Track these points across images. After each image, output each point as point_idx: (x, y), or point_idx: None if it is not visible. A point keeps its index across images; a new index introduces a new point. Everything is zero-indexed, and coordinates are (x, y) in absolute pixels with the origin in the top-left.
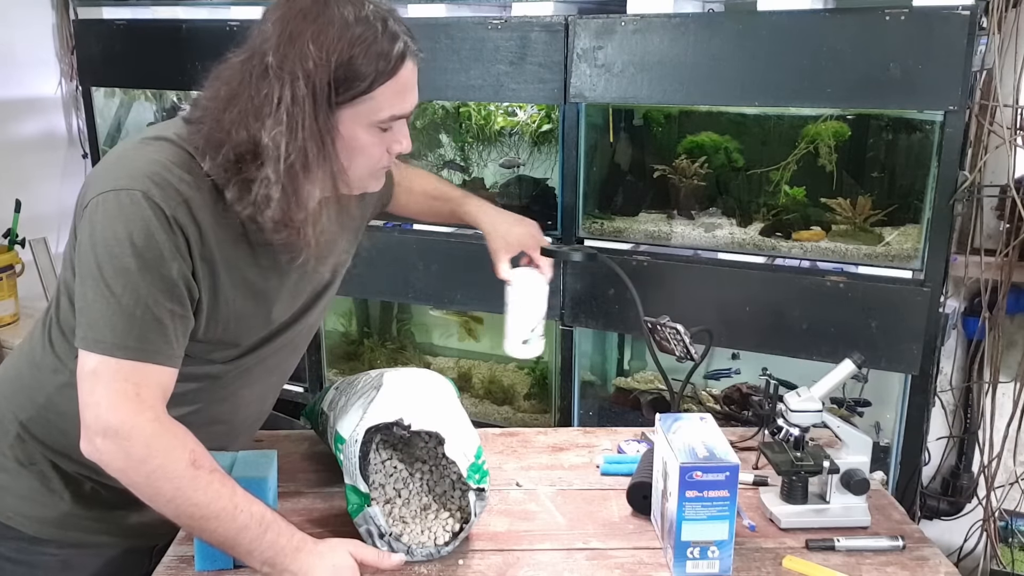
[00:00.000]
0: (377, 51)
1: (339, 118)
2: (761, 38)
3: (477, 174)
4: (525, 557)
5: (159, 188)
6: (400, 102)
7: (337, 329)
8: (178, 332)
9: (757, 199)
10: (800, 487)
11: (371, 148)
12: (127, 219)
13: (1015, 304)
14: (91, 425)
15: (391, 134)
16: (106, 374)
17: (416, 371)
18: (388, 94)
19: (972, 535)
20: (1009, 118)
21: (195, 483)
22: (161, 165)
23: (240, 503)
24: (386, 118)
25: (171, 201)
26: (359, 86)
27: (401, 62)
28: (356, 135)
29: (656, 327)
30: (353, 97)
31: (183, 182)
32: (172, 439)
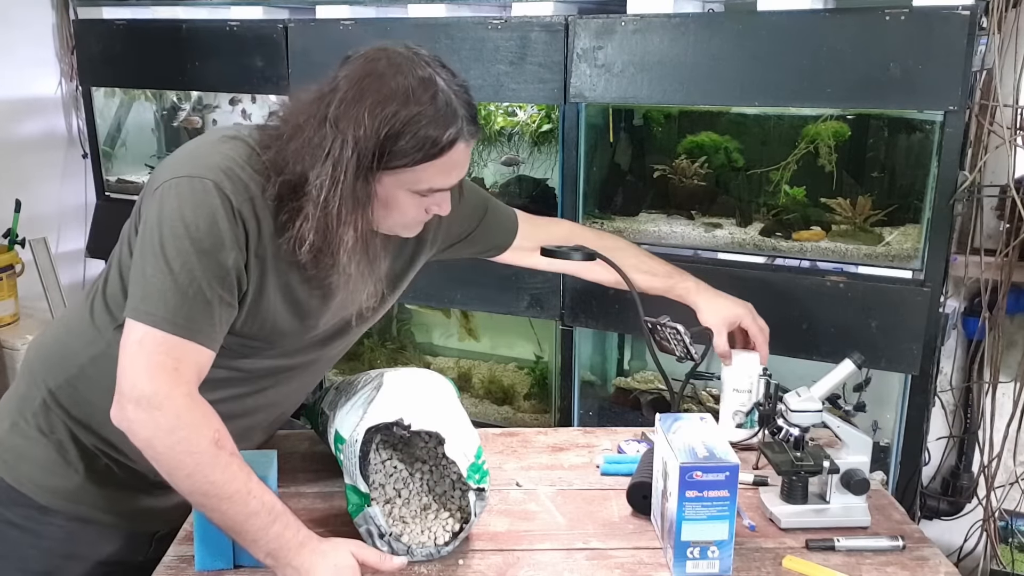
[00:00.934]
0: (426, 135)
1: (380, 178)
2: (761, 38)
3: (477, 174)
4: (525, 557)
5: (230, 181)
6: (443, 179)
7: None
8: (223, 318)
9: (757, 199)
10: (800, 487)
11: (407, 208)
12: (196, 204)
13: (1015, 304)
14: (126, 392)
15: (432, 199)
16: (150, 345)
17: (416, 371)
18: (432, 172)
19: (972, 535)
20: (1009, 118)
21: (215, 461)
22: (234, 161)
23: (254, 489)
24: (425, 190)
25: (239, 195)
26: (403, 161)
27: (450, 147)
28: (395, 195)
29: (656, 327)
30: (397, 168)
31: (252, 180)
32: (200, 416)
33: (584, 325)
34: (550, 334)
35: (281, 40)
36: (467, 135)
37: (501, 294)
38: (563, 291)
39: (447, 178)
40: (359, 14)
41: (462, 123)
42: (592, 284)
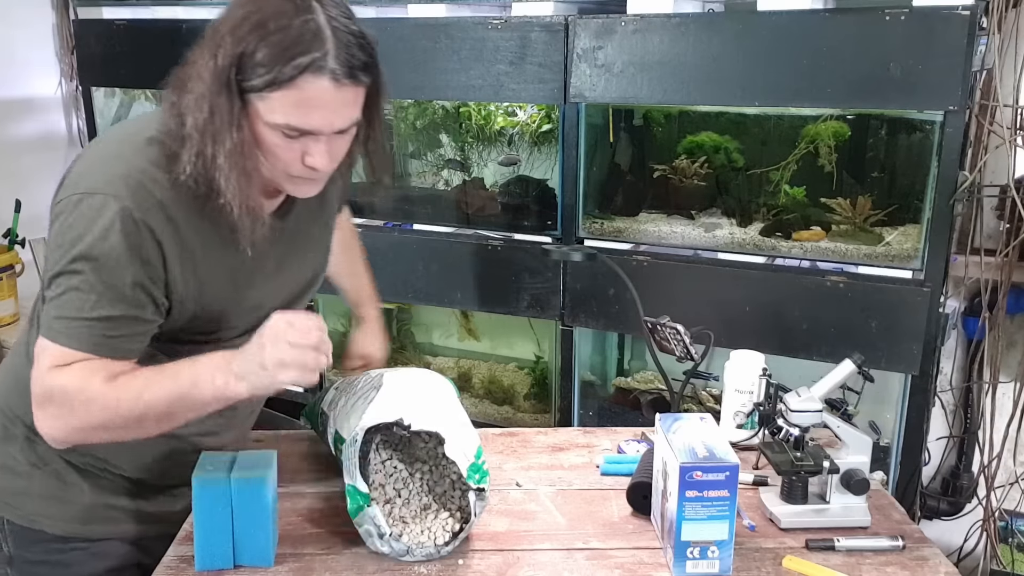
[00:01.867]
0: (276, 56)
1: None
2: (761, 38)
3: (477, 174)
4: (525, 557)
5: (131, 192)
6: (299, 116)
7: (337, 329)
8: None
9: (757, 199)
10: (800, 487)
11: (277, 150)
12: (88, 224)
13: (1015, 304)
14: (33, 400)
15: (303, 144)
16: (53, 352)
17: (416, 371)
18: (284, 102)
19: (972, 535)
20: (1009, 118)
21: (116, 390)
22: (137, 168)
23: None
24: (281, 124)
25: (143, 204)
26: (254, 81)
27: (300, 75)
28: (258, 130)
29: (656, 327)
30: (251, 90)
31: (157, 184)
32: (84, 375)
33: (584, 325)
34: (550, 334)
35: None
36: (332, 72)
37: (501, 294)
38: (563, 291)
39: (305, 116)
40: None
41: (327, 58)
42: (592, 284)
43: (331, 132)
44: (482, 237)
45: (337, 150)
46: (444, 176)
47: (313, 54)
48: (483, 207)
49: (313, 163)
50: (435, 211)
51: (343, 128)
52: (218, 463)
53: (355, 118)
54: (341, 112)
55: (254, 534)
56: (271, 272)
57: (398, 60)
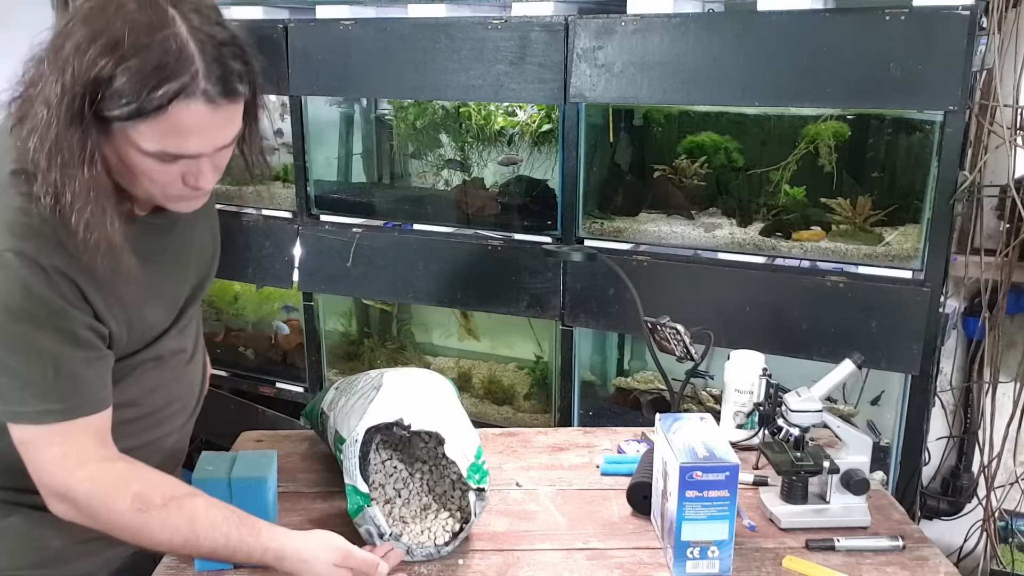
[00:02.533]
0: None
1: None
2: (761, 38)
3: (477, 174)
4: (525, 557)
5: (26, 240)
6: (176, 142)
7: (337, 329)
8: (100, 374)
9: (757, 199)
10: (800, 487)
11: (153, 174)
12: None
13: (1015, 304)
14: (43, 489)
15: (183, 166)
16: (35, 441)
17: (416, 371)
18: (156, 131)
19: (972, 535)
20: (1009, 118)
21: (147, 525)
22: (22, 211)
23: (201, 532)
24: (156, 152)
25: (44, 249)
26: (116, 113)
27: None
28: (128, 155)
29: (656, 327)
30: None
31: (44, 220)
32: (110, 490)
33: (584, 325)
34: (550, 334)
35: (281, 40)
36: (205, 95)
37: (501, 294)
38: (563, 291)
39: (182, 143)
40: (359, 14)
41: (197, 79)
42: (592, 284)
43: (212, 152)
44: (482, 237)
45: (220, 162)
46: (444, 176)
47: (181, 79)
48: (483, 207)
49: (197, 183)
50: (435, 211)
51: (225, 145)
52: (218, 463)
53: (237, 131)
54: (221, 131)
55: None
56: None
57: (398, 60)
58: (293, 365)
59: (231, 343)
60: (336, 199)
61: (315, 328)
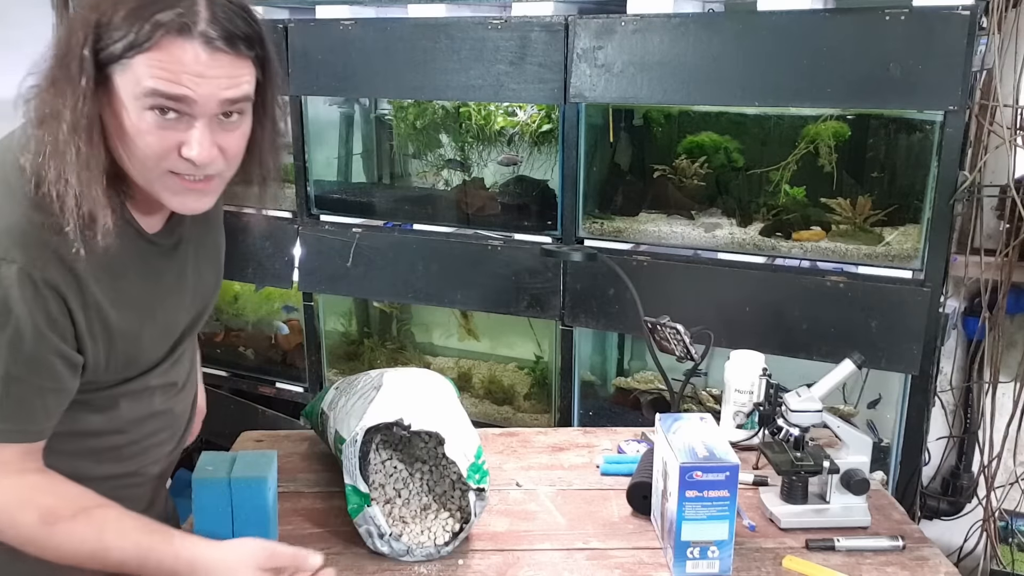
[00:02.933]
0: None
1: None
2: (761, 38)
3: (477, 174)
4: (525, 557)
5: (22, 249)
6: (167, 80)
7: (337, 329)
8: (49, 407)
9: (757, 199)
10: (800, 487)
11: (147, 136)
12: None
13: (1015, 304)
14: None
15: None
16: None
17: (416, 371)
18: (149, 65)
19: (972, 535)
20: (1009, 118)
21: (53, 539)
22: (22, 217)
23: (110, 541)
24: (148, 90)
25: (39, 259)
26: (113, 46)
27: (164, 34)
28: (123, 112)
29: (656, 327)
30: (110, 60)
31: (46, 228)
32: (15, 504)
33: (584, 325)
34: (550, 334)
35: (281, 40)
36: (203, 36)
37: (501, 294)
38: (563, 291)
39: (172, 80)
40: (359, 14)
41: (195, 16)
42: (592, 284)
43: (212, 106)
44: (482, 237)
45: (225, 143)
46: (444, 176)
47: (177, 9)
48: (483, 207)
49: (189, 153)
50: (435, 211)
51: (229, 99)
52: (218, 463)
53: (241, 94)
54: (220, 83)
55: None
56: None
57: (398, 60)
58: (293, 365)
59: (231, 343)
60: (336, 199)
61: (315, 328)
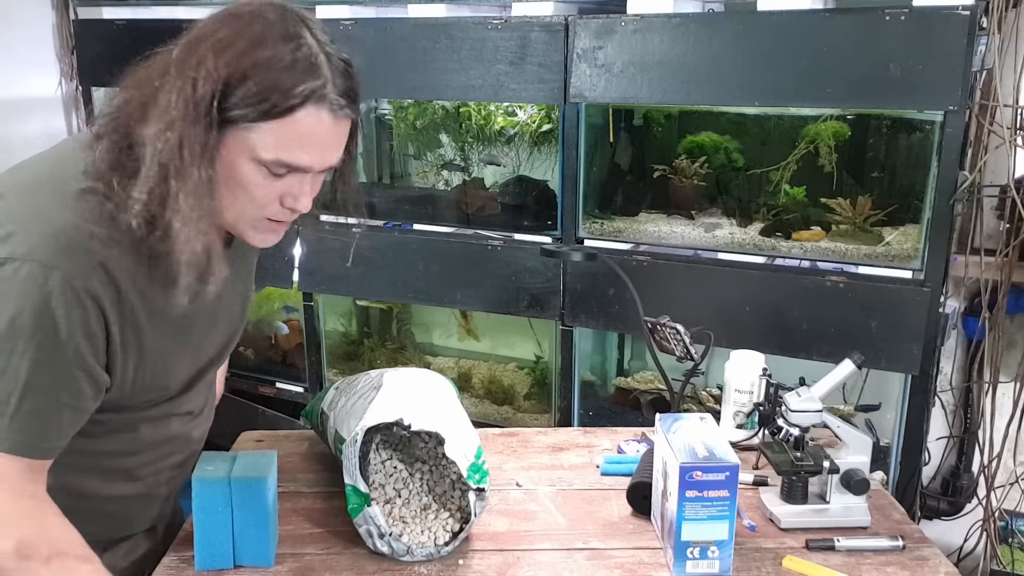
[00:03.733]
0: (274, 83)
1: (224, 137)
2: (761, 38)
3: (477, 174)
4: (525, 557)
5: (68, 255)
6: (294, 151)
7: (337, 329)
8: (64, 425)
9: (757, 199)
10: (800, 487)
11: (256, 189)
12: (20, 296)
13: (1015, 304)
14: None
15: (287, 183)
16: None
17: (416, 371)
18: (279, 136)
19: (972, 535)
20: (1009, 118)
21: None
22: (70, 225)
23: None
24: (271, 160)
25: (82, 268)
26: (245, 111)
27: (301, 106)
28: (239, 165)
29: (656, 327)
30: (237, 120)
31: (95, 240)
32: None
33: (584, 325)
34: (550, 334)
35: None
36: (331, 104)
37: (501, 294)
38: (563, 291)
39: (300, 151)
40: (359, 14)
41: (326, 86)
42: (592, 284)
43: (320, 170)
44: (482, 237)
45: (316, 188)
46: (444, 176)
47: (314, 82)
48: (483, 207)
49: (295, 205)
50: (435, 211)
51: (331, 167)
52: (218, 463)
53: (342, 155)
54: (335, 148)
55: (254, 534)
56: (209, 315)
57: (398, 60)
58: (293, 365)
59: None
60: None
61: (315, 328)
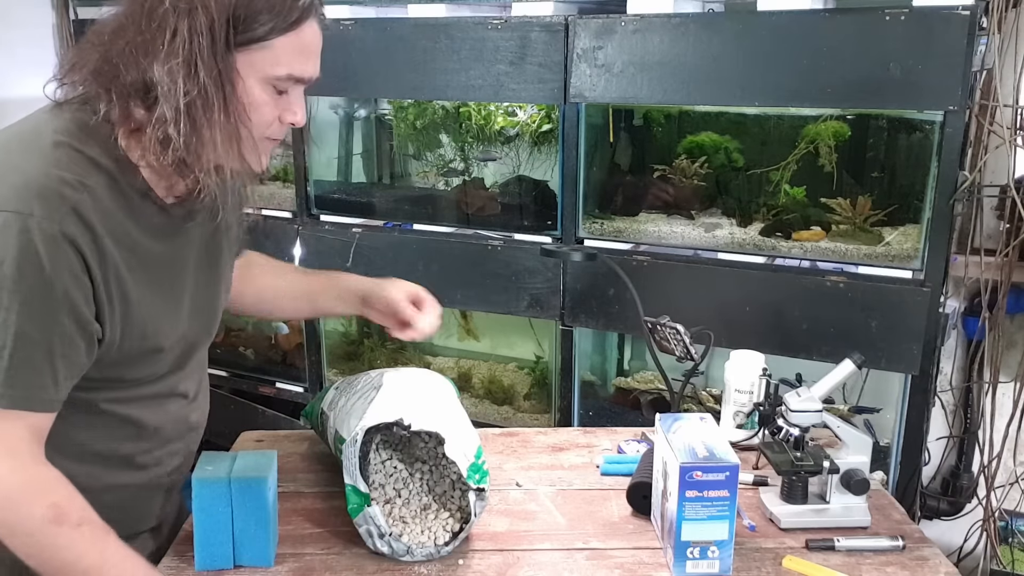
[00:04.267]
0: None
1: (237, 63)
2: (761, 38)
3: (477, 174)
4: (525, 557)
5: (41, 201)
6: (300, 62)
7: (337, 329)
8: (59, 373)
9: (757, 199)
10: (800, 487)
11: (264, 108)
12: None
13: (1015, 304)
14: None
15: (286, 100)
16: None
17: (416, 371)
18: (288, 49)
19: (972, 535)
20: (1009, 118)
21: (57, 540)
22: (41, 173)
23: (111, 559)
24: (283, 75)
25: (57, 213)
26: (257, 30)
27: (305, 17)
28: (250, 88)
29: (656, 327)
30: (250, 41)
31: (66, 184)
32: (30, 491)
33: (584, 325)
34: (550, 334)
35: None
36: (319, 16)
37: (501, 294)
38: (563, 291)
39: (304, 62)
40: (359, 14)
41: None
42: (592, 284)
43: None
44: (482, 237)
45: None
46: (444, 176)
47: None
48: (483, 207)
49: (295, 119)
50: (435, 211)
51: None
52: (218, 463)
53: None
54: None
55: (254, 534)
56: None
57: (398, 60)
58: (293, 365)
59: (231, 343)
60: (336, 199)
61: (315, 328)
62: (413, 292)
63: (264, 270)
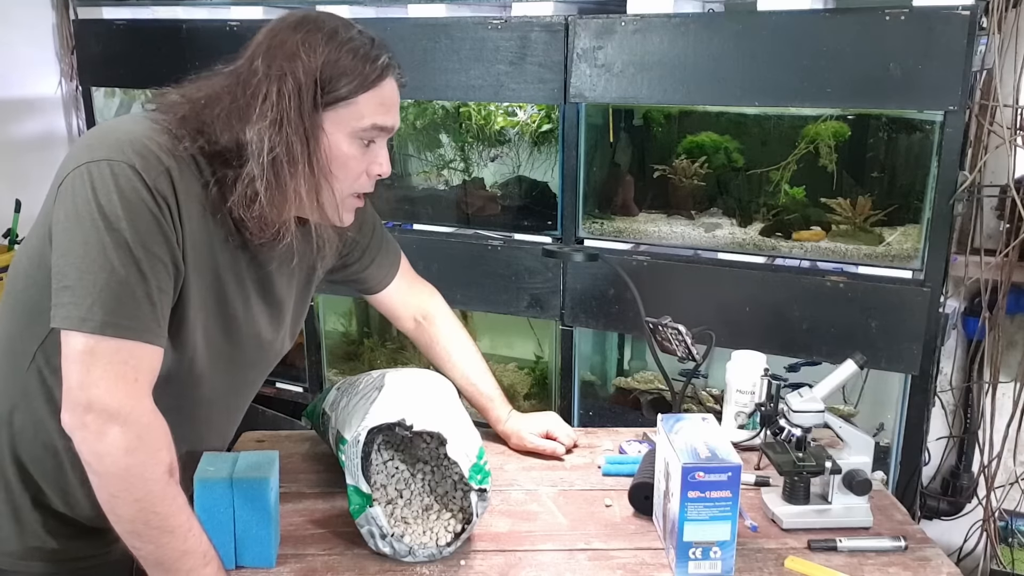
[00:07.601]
0: (363, 57)
1: (323, 121)
2: (761, 38)
3: (477, 174)
4: (527, 557)
5: (140, 157)
6: (382, 114)
7: (337, 329)
8: (163, 310)
9: (757, 199)
10: (802, 487)
11: (352, 162)
12: (109, 190)
13: (1015, 304)
14: (83, 402)
15: (372, 153)
16: (104, 354)
17: (418, 371)
18: (371, 104)
19: (972, 535)
20: (1009, 118)
21: (166, 491)
22: (142, 135)
23: (194, 526)
24: (368, 127)
25: (152, 171)
26: (341, 90)
27: (385, 75)
28: (338, 143)
29: (657, 327)
30: (337, 100)
31: (164, 151)
32: (161, 438)
33: (584, 325)
34: (550, 334)
35: None
36: (397, 72)
37: (501, 294)
38: (563, 291)
39: (386, 114)
40: (359, 14)
41: (392, 58)
42: (592, 284)
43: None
44: (482, 237)
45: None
46: (444, 176)
47: (386, 56)
48: (483, 207)
49: (381, 170)
50: (435, 211)
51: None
52: (220, 463)
53: None
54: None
55: (256, 535)
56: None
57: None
58: (293, 365)
59: None
60: None
61: (315, 328)
62: (542, 430)
63: (445, 341)
